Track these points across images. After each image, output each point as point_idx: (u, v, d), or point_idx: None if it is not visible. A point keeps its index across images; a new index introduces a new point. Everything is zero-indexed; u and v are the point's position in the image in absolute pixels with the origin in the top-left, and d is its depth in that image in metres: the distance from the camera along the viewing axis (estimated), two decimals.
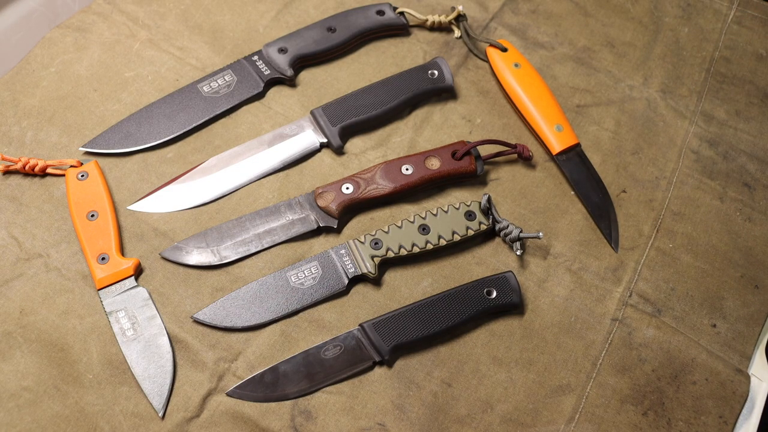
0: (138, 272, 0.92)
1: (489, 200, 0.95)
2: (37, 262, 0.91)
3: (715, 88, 1.15)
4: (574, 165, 1.04)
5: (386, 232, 0.94)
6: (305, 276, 0.91)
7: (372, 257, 0.92)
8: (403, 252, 0.93)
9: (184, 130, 1.03)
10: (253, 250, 0.94)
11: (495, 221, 0.96)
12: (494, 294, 0.90)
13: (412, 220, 0.95)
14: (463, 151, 1.00)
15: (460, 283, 0.93)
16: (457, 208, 0.96)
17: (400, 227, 0.94)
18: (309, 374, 0.86)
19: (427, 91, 1.08)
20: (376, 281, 0.93)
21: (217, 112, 1.05)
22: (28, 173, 0.98)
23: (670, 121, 1.11)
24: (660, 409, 0.88)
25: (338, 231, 0.97)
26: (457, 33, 1.16)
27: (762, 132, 1.11)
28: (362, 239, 0.93)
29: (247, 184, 1.00)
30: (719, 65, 1.18)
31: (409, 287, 0.94)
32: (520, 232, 0.94)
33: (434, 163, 0.99)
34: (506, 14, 1.20)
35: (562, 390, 0.88)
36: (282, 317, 0.90)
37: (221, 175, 0.99)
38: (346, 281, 0.91)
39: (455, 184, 1.02)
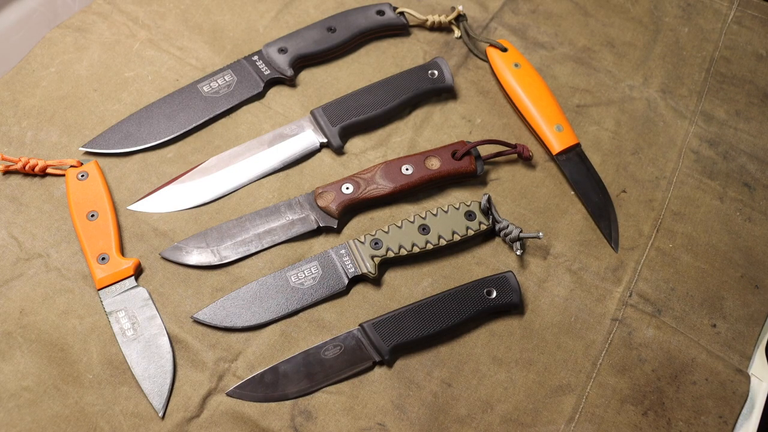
0: (138, 272, 0.92)
1: (489, 200, 0.95)
2: (37, 262, 0.91)
3: (715, 88, 1.15)
4: (574, 165, 1.03)
5: (386, 232, 0.94)
6: (305, 276, 0.91)
7: (372, 257, 0.92)
8: (403, 252, 0.93)
9: (184, 130, 1.03)
10: (253, 250, 0.94)
11: (495, 221, 0.96)
12: (494, 294, 0.90)
13: (412, 220, 0.95)
14: (463, 151, 1.00)
15: (460, 283, 0.93)
16: (457, 208, 0.96)
17: (400, 227, 0.94)
18: (309, 374, 0.86)
19: (427, 91, 1.07)
20: (376, 281, 0.93)
21: (217, 112, 1.05)
22: (28, 173, 0.98)
23: (670, 121, 1.11)
24: (660, 409, 0.88)
25: (338, 231, 0.97)
26: (457, 33, 1.16)
27: (762, 132, 1.11)
28: (362, 239, 0.93)
29: (247, 184, 1.00)
30: (719, 65, 1.18)
31: (409, 287, 0.94)
32: (520, 232, 0.94)
33: (434, 163, 0.99)
34: (506, 14, 1.20)
35: (562, 390, 0.88)
36: (282, 317, 0.90)
37: (221, 175, 0.99)
38: (346, 281, 0.91)
39: (455, 184, 1.02)
